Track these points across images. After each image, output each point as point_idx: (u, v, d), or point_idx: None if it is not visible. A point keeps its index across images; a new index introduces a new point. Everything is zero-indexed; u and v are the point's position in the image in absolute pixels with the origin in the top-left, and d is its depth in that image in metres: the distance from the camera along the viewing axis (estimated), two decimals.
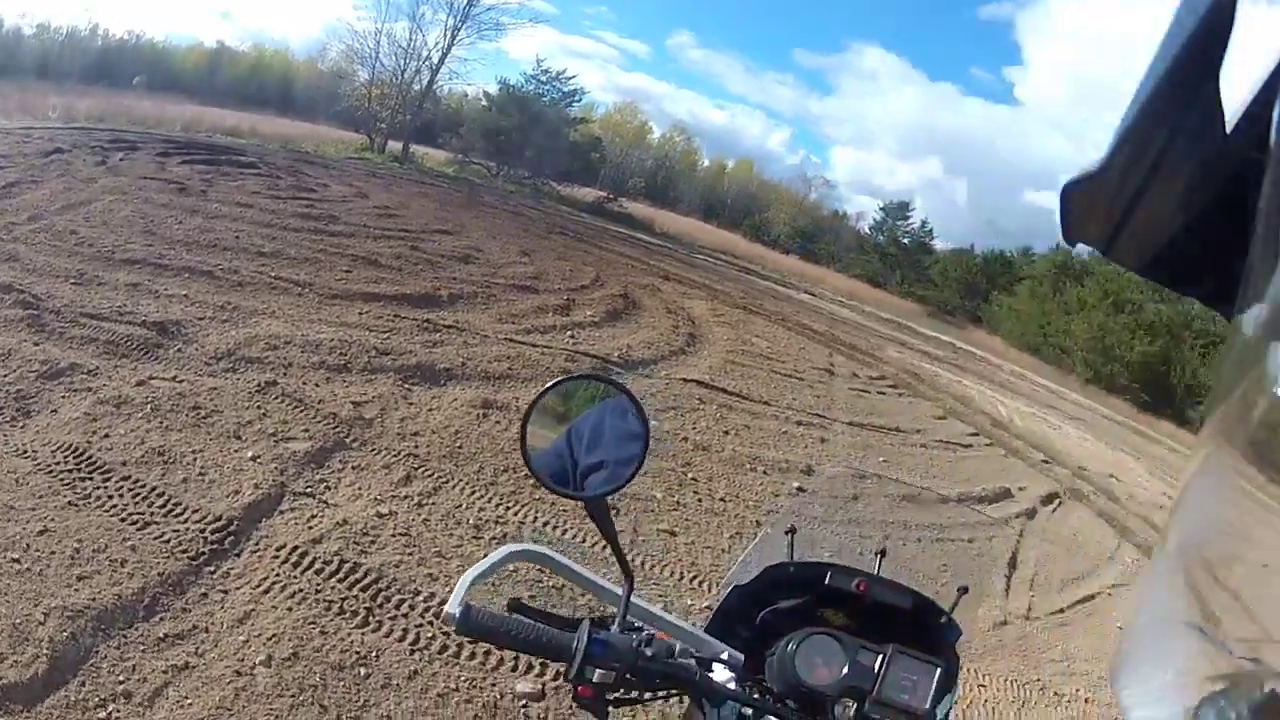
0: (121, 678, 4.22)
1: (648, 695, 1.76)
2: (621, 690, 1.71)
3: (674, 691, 1.78)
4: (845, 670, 1.86)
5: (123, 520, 5.39)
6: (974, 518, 10.24)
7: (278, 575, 5.24)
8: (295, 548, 5.53)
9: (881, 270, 51.36)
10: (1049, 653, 7.67)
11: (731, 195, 59.59)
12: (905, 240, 54.51)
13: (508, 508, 6.84)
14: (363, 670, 4.66)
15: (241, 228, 14.43)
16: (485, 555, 1.94)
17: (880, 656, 1.87)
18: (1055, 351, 41.24)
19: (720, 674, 1.86)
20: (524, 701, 4.79)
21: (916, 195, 60.96)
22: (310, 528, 5.84)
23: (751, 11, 69.96)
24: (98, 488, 5.67)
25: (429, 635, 5.03)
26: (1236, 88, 0.77)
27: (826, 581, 2.07)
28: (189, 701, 4.17)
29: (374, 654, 4.81)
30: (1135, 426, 29.72)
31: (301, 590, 5.15)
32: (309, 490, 6.39)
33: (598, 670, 1.67)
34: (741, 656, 1.91)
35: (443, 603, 5.14)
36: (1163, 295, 38.34)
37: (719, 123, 66.62)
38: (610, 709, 1.72)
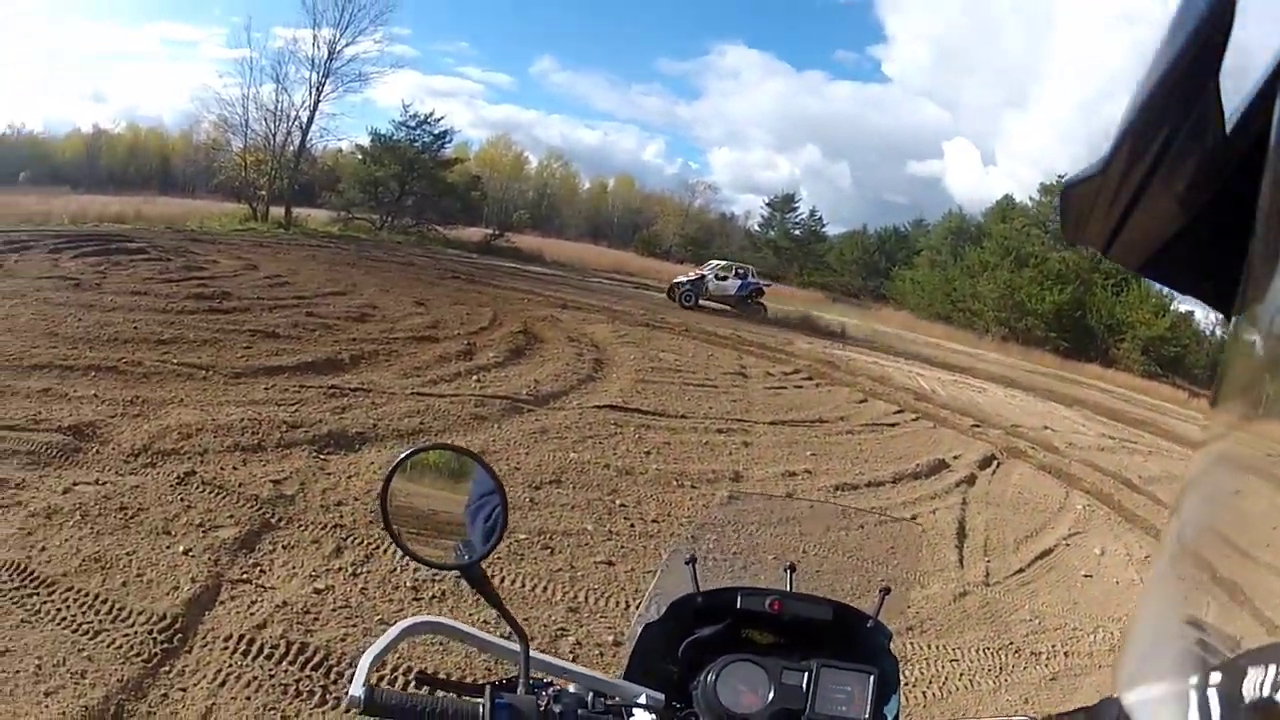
0: None
1: None
2: None
3: None
4: (772, 694, 1.86)
5: (75, 631, 5.43)
6: (912, 494, 10.54)
7: (230, 665, 5.32)
8: (242, 636, 5.60)
9: (778, 265, 51.28)
10: (1017, 614, 7.93)
11: (617, 214, 59.40)
12: (797, 232, 54.72)
13: None
14: None
15: (138, 317, 14.23)
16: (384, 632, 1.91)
17: (806, 674, 1.89)
18: (966, 315, 41.81)
19: (641, 718, 1.83)
20: None
21: (800, 185, 60.78)
22: (252, 614, 5.91)
23: (609, 28, 69.89)
24: (45, 601, 5.70)
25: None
26: (1236, 88, 0.78)
27: (738, 606, 2.04)
28: None
29: None
30: (1060, 375, 30.37)
31: (256, 677, 5.24)
32: (244, 576, 6.45)
33: None
34: (661, 696, 1.86)
35: (396, 669, 5.23)
36: (1065, 244, 38.99)
37: (592, 143, 66.35)
38: None
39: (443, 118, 46.63)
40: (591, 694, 1.81)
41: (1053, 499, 11.73)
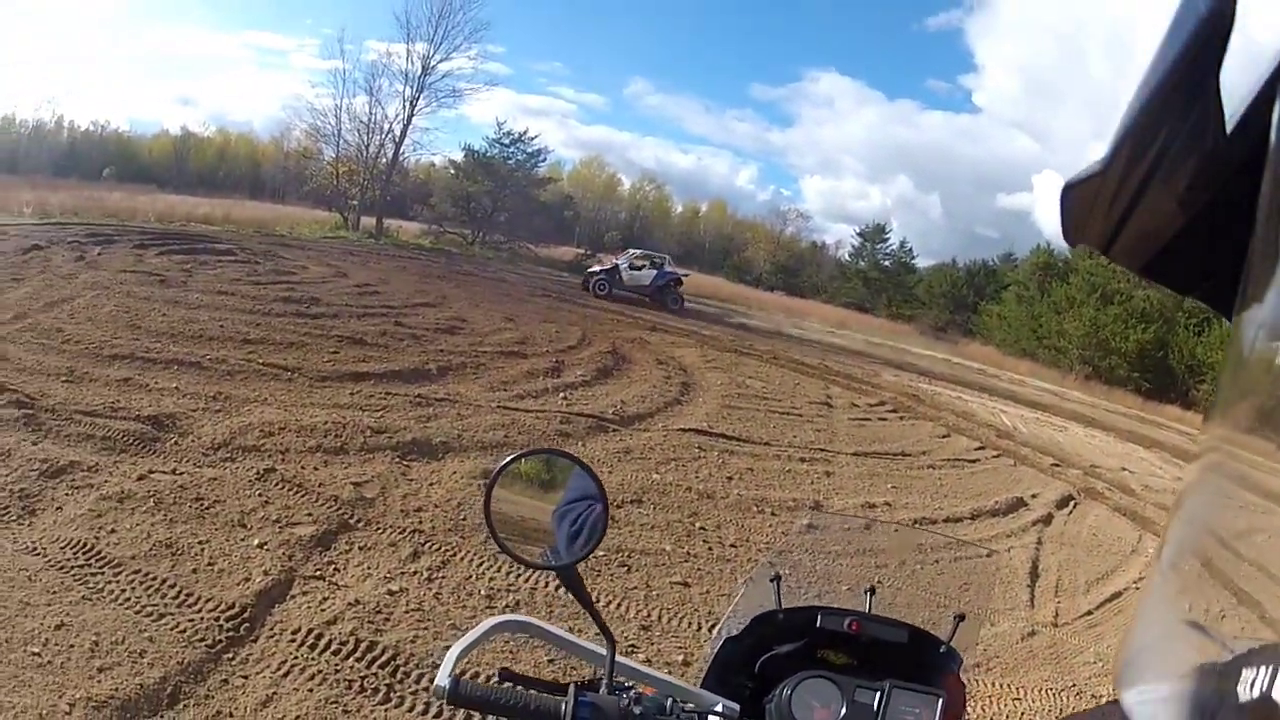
0: None
1: None
2: None
3: None
4: (844, 711, 1.91)
5: (138, 612, 5.45)
6: (989, 531, 10.32)
7: (296, 658, 5.31)
8: (310, 630, 5.60)
9: (867, 296, 50.99)
10: (1081, 656, 7.70)
11: (709, 238, 59.45)
12: (886, 263, 54.20)
13: (518, 575, 6.88)
14: None
15: (225, 316, 14.51)
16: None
17: (879, 694, 1.92)
18: (1051, 353, 41.11)
19: None
20: None
21: (891, 216, 60.56)
22: (323, 610, 5.91)
23: (703, 52, 70.13)
24: (110, 581, 5.73)
25: (451, 709, 5.04)
26: (1236, 88, 0.78)
27: (818, 624, 2.11)
28: None
29: None
30: (1141, 416, 29.78)
31: (321, 671, 5.23)
32: (318, 573, 6.47)
33: None
34: (736, 706, 1.90)
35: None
36: (1146, 284, 37.76)
37: (686, 166, 66.64)
38: None
39: (537, 136, 46.97)
40: (670, 700, 1.84)
41: (1126, 542, 11.39)
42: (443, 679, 1.70)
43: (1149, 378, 37.72)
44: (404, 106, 42.28)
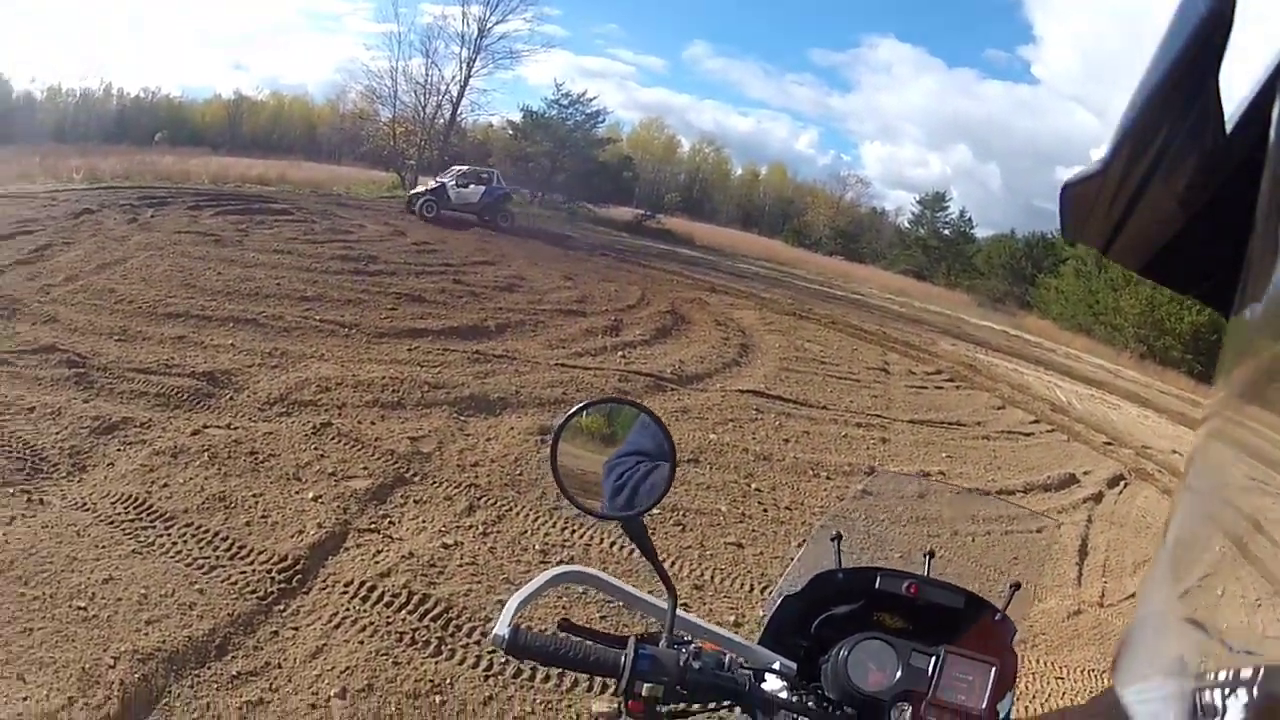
0: (195, 716, 4.40)
1: (697, 707, 1.79)
2: (672, 703, 1.76)
3: (725, 703, 1.82)
4: (899, 674, 1.93)
5: (188, 565, 5.59)
6: (1040, 506, 10.25)
7: (348, 610, 5.42)
8: (364, 582, 5.71)
9: (926, 264, 50.25)
10: None
11: (768, 202, 58.81)
12: (946, 231, 53.34)
13: (573, 531, 6.98)
14: (438, 698, 4.81)
15: (281, 274, 14.76)
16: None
17: (933, 659, 1.94)
18: (1107, 330, 40.46)
19: (772, 684, 1.96)
20: None
21: (951, 185, 59.19)
22: (377, 562, 6.03)
23: (762, 15, 69.02)
24: (160, 535, 5.88)
25: (502, 661, 5.15)
26: (1236, 88, 0.80)
27: (876, 586, 2.15)
28: None
29: (448, 682, 4.96)
30: (1194, 399, 29.27)
31: (372, 623, 5.33)
32: (373, 526, 6.59)
33: (646, 684, 1.74)
34: (794, 665, 1.99)
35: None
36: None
37: (745, 130, 65.81)
38: None
39: (595, 97, 46.49)
40: (729, 656, 1.87)
41: None
42: (502, 628, 1.76)
43: (1202, 360, 37.07)
44: (460, 68, 42.42)
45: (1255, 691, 0.71)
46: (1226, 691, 0.74)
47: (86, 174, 27.05)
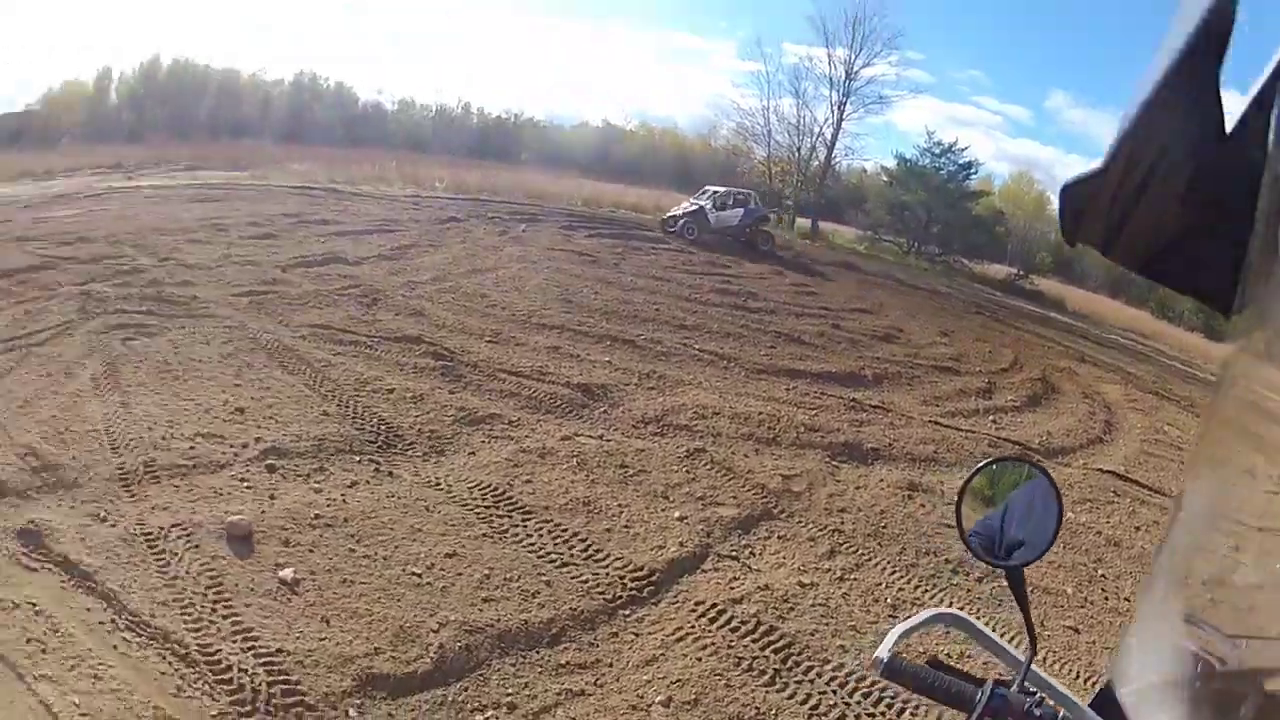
0: (510, 689, 4.60)
1: None
2: None
3: None
4: None
5: (540, 557, 5.82)
6: None
7: (692, 627, 5.48)
8: (714, 604, 5.75)
9: None
10: None
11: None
12: None
13: (925, 591, 6.86)
14: None
15: (659, 301, 15.27)
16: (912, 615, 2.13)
17: None
18: None
19: None
20: None
21: None
22: (731, 588, 6.07)
23: (1124, 63, 66.16)
24: (516, 526, 6.15)
25: (830, 702, 5.09)
26: (1236, 88, 0.81)
27: None
28: None
29: (774, 713, 4.93)
30: None
31: (714, 644, 5.36)
32: (733, 553, 6.65)
33: None
34: None
35: (850, 675, 5.35)
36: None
37: None
38: None
39: (967, 147, 46.03)
40: (1072, 716, 1.89)
41: None
42: (883, 652, 1.90)
43: None
44: (831, 111, 42.82)
45: (1256, 692, 0.77)
46: (1226, 692, 0.80)
47: (449, 184, 28.58)
